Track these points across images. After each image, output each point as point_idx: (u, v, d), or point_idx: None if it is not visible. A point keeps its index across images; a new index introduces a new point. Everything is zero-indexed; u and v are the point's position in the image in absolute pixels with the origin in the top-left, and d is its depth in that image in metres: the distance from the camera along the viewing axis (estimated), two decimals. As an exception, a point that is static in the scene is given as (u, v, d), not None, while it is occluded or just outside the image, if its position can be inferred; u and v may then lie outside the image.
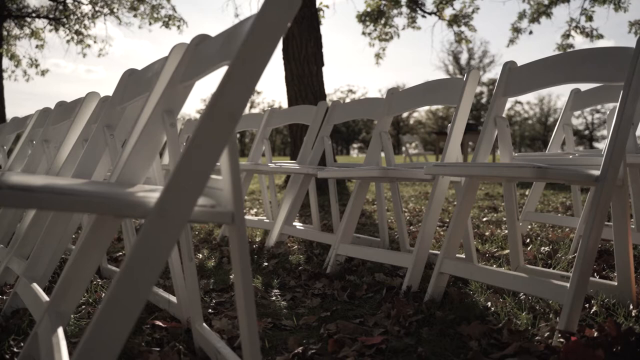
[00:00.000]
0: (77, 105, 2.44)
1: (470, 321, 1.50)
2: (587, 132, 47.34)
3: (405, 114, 45.10)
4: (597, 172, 1.44)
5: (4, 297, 1.86)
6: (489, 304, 1.66)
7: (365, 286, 1.95)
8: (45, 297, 1.42)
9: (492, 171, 1.42)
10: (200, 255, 2.63)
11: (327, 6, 7.47)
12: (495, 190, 6.17)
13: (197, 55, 1.33)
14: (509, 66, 1.91)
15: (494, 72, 45.06)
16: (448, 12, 10.74)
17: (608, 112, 2.36)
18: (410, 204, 4.96)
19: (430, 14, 10.61)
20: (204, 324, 1.32)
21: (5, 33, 12.46)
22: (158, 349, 1.32)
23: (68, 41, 12.90)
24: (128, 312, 0.82)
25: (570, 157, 2.23)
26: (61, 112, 2.66)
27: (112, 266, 2.23)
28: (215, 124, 0.90)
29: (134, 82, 1.77)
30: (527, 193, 5.56)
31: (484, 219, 3.72)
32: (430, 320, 1.53)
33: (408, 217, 3.90)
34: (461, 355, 1.29)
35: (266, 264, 2.39)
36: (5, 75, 12.43)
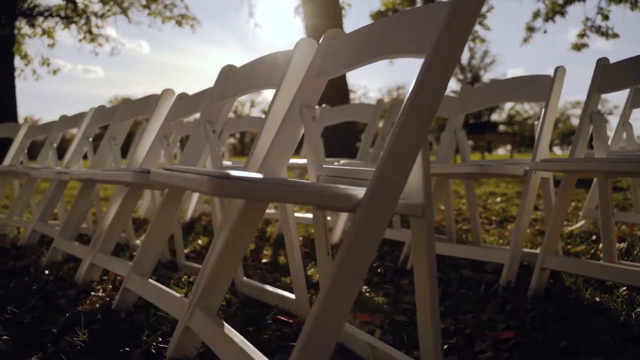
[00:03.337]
0: (150, 102, 2.44)
1: (588, 316, 1.50)
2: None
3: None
4: None
5: (98, 294, 1.85)
6: (597, 298, 1.66)
7: (456, 282, 1.95)
8: (174, 293, 1.41)
9: (620, 166, 1.42)
10: (266, 252, 2.63)
11: (349, 5, 7.47)
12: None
13: (333, 50, 1.32)
14: (603, 62, 1.92)
15: (494, 72, 45.05)
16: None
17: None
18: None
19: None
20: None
21: (16, 32, 12.41)
22: (295, 344, 1.31)
23: (80, 40, 12.87)
24: (348, 296, 0.84)
25: (649, 153, 2.23)
26: (127, 110, 2.65)
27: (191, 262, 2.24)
28: (417, 118, 0.91)
29: (235, 78, 1.76)
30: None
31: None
32: (547, 315, 1.53)
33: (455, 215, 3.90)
34: (596, 349, 1.29)
35: (338, 261, 2.38)
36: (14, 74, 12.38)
